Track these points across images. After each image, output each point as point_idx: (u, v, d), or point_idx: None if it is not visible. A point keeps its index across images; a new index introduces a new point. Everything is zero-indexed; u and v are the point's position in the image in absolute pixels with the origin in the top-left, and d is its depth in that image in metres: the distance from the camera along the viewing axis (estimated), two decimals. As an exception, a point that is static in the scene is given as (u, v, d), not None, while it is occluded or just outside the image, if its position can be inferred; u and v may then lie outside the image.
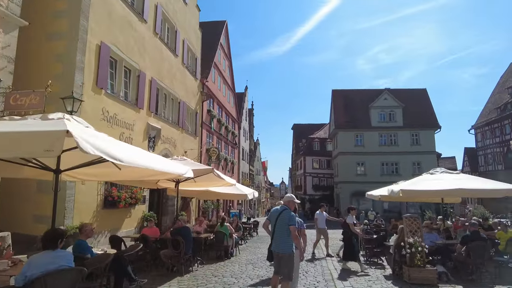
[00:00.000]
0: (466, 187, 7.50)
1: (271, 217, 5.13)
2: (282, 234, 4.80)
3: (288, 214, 4.87)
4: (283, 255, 4.77)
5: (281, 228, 4.82)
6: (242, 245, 12.46)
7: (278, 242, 4.82)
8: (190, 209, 17.82)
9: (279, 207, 5.20)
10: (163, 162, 5.36)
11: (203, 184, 9.84)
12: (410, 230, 6.49)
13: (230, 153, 27.84)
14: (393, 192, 8.93)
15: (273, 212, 5.21)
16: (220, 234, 8.63)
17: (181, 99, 16.24)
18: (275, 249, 4.86)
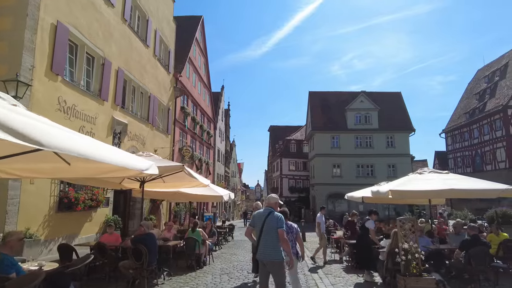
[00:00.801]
0: (458, 187, 7.00)
1: (255, 222, 4.52)
2: (270, 239, 4.25)
3: (275, 217, 4.34)
4: (274, 262, 4.22)
5: (269, 233, 4.27)
6: (216, 251, 11.48)
7: (266, 249, 4.25)
8: (160, 212, 16.59)
9: (263, 210, 4.60)
10: (121, 155, 4.37)
11: (173, 184, 8.84)
12: (404, 235, 5.83)
13: (205, 154, 26.72)
14: (379, 193, 8.36)
15: (257, 216, 4.59)
16: (191, 241, 7.64)
17: (151, 93, 15.06)
18: (263, 257, 4.28)
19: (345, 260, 9.54)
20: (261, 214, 4.51)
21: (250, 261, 9.36)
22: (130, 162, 4.33)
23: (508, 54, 40.58)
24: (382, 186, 9.16)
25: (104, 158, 3.77)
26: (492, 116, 34.99)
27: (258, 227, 4.42)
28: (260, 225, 4.36)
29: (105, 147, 4.21)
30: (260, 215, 4.51)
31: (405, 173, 19.84)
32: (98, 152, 3.70)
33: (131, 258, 5.50)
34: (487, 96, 38.43)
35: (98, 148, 3.80)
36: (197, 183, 8.20)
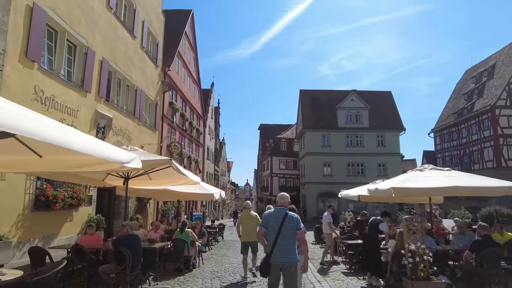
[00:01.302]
0: (463, 184, 6.65)
1: (271, 222, 4.21)
2: (289, 241, 4.07)
3: (295, 217, 4.16)
4: (291, 266, 4.03)
5: (288, 235, 4.07)
6: (206, 252, 10.92)
7: (284, 251, 4.02)
8: (147, 211, 15.92)
9: (277, 210, 4.30)
10: (99, 146, 3.80)
11: (161, 182, 8.27)
12: (413, 232, 5.42)
13: (194, 151, 26.04)
14: (378, 191, 7.97)
15: (272, 216, 4.26)
16: (179, 242, 7.06)
17: (138, 87, 14.37)
18: (280, 260, 4.03)
19: (341, 261, 9.12)
20: (276, 215, 4.22)
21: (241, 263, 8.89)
22: (110, 154, 3.76)
23: (495, 55, 41.09)
24: (380, 184, 8.76)
25: (79, 147, 3.21)
26: (480, 116, 35.31)
27: (273, 228, 4.12)
28: (277, 226, 4.09)
29: (82, 136, 3.64)
30: (276, 215, 4.21)
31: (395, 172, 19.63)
32: (72, 141, 3.14)
33: (112, 262, 4.91)
34: (475, 96, 38.81)
35: (72, 136, 3.23)
36: (186, 180, 7.64)
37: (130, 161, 4.02)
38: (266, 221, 4.27)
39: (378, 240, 6.45)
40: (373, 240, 6.38)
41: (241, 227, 7.36)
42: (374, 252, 6.19)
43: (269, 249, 4.12)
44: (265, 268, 4.12)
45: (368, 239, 6.40)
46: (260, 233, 4.31)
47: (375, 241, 6.41)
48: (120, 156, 3.93)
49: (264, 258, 4.18)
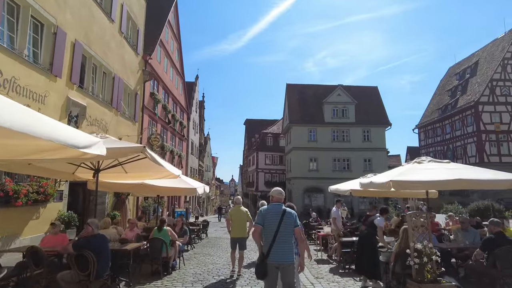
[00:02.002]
0: (467, 177, 6.15)
1: (269, 219, 3.93)
2: (287, 240, 3.87)
3: (293, 214, 3.97)
4: (289, 265, 3.84)
5: (286, 233, 3.86)
6: (188, 251, 10.18)
7: (282, 250, 3.81)
8: (126, 208, 15.00)
9: (274, 206, 4.03)
10: (50, 127, 3.02)
11: (138, 175, 7.48)
12: (423, 227, 4.86)
13: (177, 145, 25.08)
14: (373, 184, 7.42)
15: (269, 213, 3.97)
16: (156, 243, 6.29)
17: (116, 74, 13.38)
18: (277, 259, 3.79)
19: (334, 259, 8.57)
20: (274, 211, 3.95)
21: (227, 264, 8.22)
22: (62, 137, 2.98)
23: (478, 53, 41.65)
24: (376, 177, 8.22)
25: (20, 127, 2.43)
26: (464, 112, 35.72)
27: (271, 226, 3.85)
28: (276, 224, 3.83)
29: (32, 114, 2.87)
30: (274, 212, 3.95)
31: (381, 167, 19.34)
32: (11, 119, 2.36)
33: (73, 268, 4.14)
34: (458, 93, 39.27)
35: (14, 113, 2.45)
36: (165, 174, 6.88)
37: (89, 146, 3.25)
38: (262, 218, 3.95)
39: (375, 238, 5.87)
40: (369, 238, 5.79)
41: (231, 223, 7.09)
42: (371, 252, 5.61)
43: (266, 249, 3.85)
44: (262, 270, 3.81)
45: (365, 238, 5.81)
46: (256, 231, 3.96)
47: (371, 240, 5.83)
48: (76, 140, 3.16)
49: (259, 259, 3.87)
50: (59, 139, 2.90)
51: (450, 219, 9.74)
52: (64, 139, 2.95)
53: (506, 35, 37.82)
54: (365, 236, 5.84)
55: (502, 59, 34.88)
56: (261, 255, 3.89)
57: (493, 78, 34.49)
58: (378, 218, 5.99)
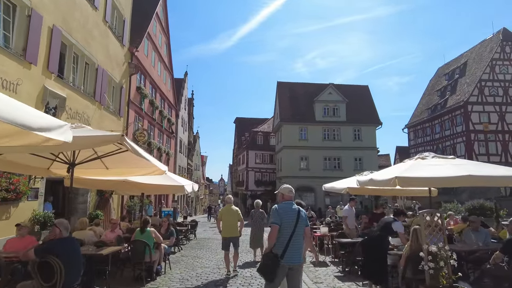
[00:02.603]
0: (478, 173, 5.74)
1: (286, 219, 3.73)
2: (301, 240, 3.79)
3: (305, 213, 3.92)
4: (300, 266, 3.84)
5: (300, 233, 3.77)
6: (175, 253, 9.52)
7: (295, 251, 3.70)
8: (110, 207, 14.23)
9: (289, 205, 3.87)
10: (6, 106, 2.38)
11: (120, 171, 6.82)
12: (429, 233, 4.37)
13: (165, 143, 24.29)
14: (374, 182, 6.98)
15: (286, 212, 3.78)
16: (138, 245, 5.63)
17: (100, 65, 12.60)
18: (291, 261, 3.66)
19: (330, 261, 8.07)
20: (290, 210, 3.79)
21: (217, 267, 7.64)
22: (16, 117, 2.35)
23: (466, 54, 42.02)
24: (377, 173, 7.76)
25: None
26: (453, 111, 35.89)
27: (288, 226, 3.68)
28: (293, 224, 3.68)
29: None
30: (290, 211, 3.79)
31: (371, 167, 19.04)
32: None
33: (35, 277, 3.49)
34: (448, 93, 39.50)
35: None
36: (150, 170, 6.26)
37: (50, 130, 2.61)
38: (280, 218, 3.73)
39: (387, 243, 5.32)
40: (382, 242, 5.23)
41: (222, 222, 6.94)
42: (380, 256, 5.08)
43: (280, 250, 3.65)
44: (273, 271, 3.61)
45: (376, 240, 5.27)
46: (274, 231, 3.72)
47: (383, 244, 5.29)
48: (34, 121, 2.52)
49: (271, 259, 3.62)
50: (7, 118, 2.27)
51: (450, 218, 9.35)
52: (19, 120, 2.32)
53: (494, 36, 38.22)
54: (375, 239, 5.30)
55: (490, 60, 35.18)
56: (273, 256, 3.65)
57: (481, 78, 34.73)
58: (395, 222, 5.43)
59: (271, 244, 3.72)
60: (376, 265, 5.11)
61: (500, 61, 35.52)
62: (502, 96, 34.62)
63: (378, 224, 5.62)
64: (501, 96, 34.64)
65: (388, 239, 5.36)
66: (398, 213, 5.74)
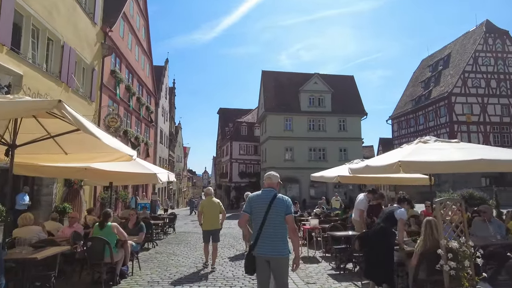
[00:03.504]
0: (491, 157, 5.07)
1: (256, 207, 3.49)
2: (277, 229, 3.37)
3: (283, 200, 3.42)
4: (280, 259, 3.34)
5: (275, 222, 3.37)
6: (149, 249, 8.57)
7: (271, 242, 3.34)
8: (80, 199, 13.09)
9: (264, 192, 3.56)
10: None
11: (81, 157, 5.85)
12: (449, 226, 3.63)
13: (143, 132, 23.01)
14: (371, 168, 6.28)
15: (257, 199, 3.54)
16: (96, 244, 4.65)
17: (66, 43, 11.32)
18: (266, 252, 3.33)
19: (321, 256, 7.34)
20: (263, 197, 3.52)
21: (195, 265, 6.78)
22: None
23: (450, 45, 42.19)
24: (373, 160, 7.04)
25: None
26: (437, 103, 35.99)
27: (259, 213, 3.44)
28: (263, 211, 3.40)
29: None
30: (262, 198, 3.52)
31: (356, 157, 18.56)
32: None
33: None
34: (432, 84, 39.61)
35: None
36: (117, 155, 5.31)
37: None
38: (250, 205, 3.55)
39: (393, 236, 4.55)
40: (386, 235, 4.44)
41: (203, 215, 6.70)
42: (385, 253, 4.32)
43: (252, 239, 3.44)
44: (249, 263, 3.39)
45: (379, 233, 4.50)
46: (243, 220, 3.58)
47: (388, 238, 4.47)
48: None
49: (247, 251, 3.50)
50: None
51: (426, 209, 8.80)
52: None
53: (477, 28, 38.41)
54: (379, 233, 4.53)
55: (474, 52, 35.32)
56: (249, 248, 3.49)
57: (465, 70, 34.86)
58: (400, 209, 4.66)
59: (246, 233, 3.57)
60: (380, 262, 4.35)
61: (483, 53, 35.74)
62: (484, 88, 34.92)
63: (380, 216, 4.86)
64: (483, 88, 34.94)
65: (394, 232, 4.61)
66: (402, 200, 4.99)
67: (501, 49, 36.12)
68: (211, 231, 6.59)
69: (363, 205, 6.87)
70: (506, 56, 35.98)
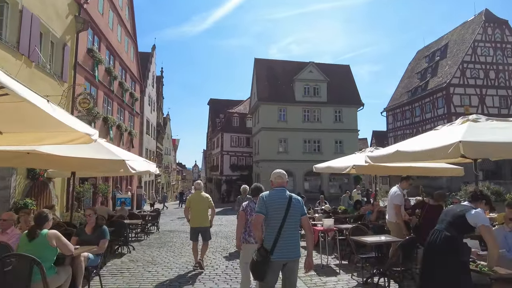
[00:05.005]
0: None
1: (273, 208, 3.18)
2: (295, 232, 3.24)
3: (300, 201, 3.33)
4: (296, 261, 3.22)
5: (294, 224, 3.21)
6: (123, 255, 6.99)
7: (288, 245, 3.14)
8: (49, 194, 11.39)
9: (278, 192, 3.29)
10: None
11: (23, 138, 4.25)
12: None
13: (127, 121, 21.18)
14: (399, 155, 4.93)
15: (273, 200, 3.23)
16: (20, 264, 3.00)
17: (26, 8, 9.51)
18: (284, 256, 3.13)
19: (336, 265, 5.90)
20: (279, 198, 3.23)
21: (179, 278, 5.27)
22: None
23: (447, 36, 41.15)
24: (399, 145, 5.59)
25: None
26: (435, 94, 34.96)
27: (277, 216, 3.16)
28: (282, 213, 3.15)
29: None
30: (278, 198, 3.22)
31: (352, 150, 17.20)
32: None
33: None
34: (428, 75, 38.56)
35: None
36: (71, 136, 3.79)
37: None
38: (265, 206, 3.22)
39: (464, 248, 3.07)
40: (452, 245, 3.04)
41: (191, 211, 6.29)
42: (454, 271, 2.86)
43: (269, 244, 3.13)
44: (264, 269, 3.04)
45: (444, 246, 3.02)
46: (258, 221, 3.24)
47: (456, 249, 3.04)
48: None
49: (260, 256, 3.06)
50: None
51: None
52: None
53: (476, 17, 37.37)
54: (443, 244, 3.04)
55: (472, 41, 34.28)
56: (263, 252, 3.12)
57: (464, 60, 33.82)
58: (473, 212, 3.18)
59: (257, 236, 3.30)
60: (447, 284, 2.90)
61: (482, 42, 34.73)
62: (483, 78, 33.98)
63: (441, 218, 3.40)
64: (482, 79, 34.00)
65: (466, 244, 3.16)
66: (476, 197, 3.50)
67: (500, 39, 35.17)
68: (199, 229, 6.20)
69: (399, 198, 5.32)
70: (505, 46, 35.06)
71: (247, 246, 4.01)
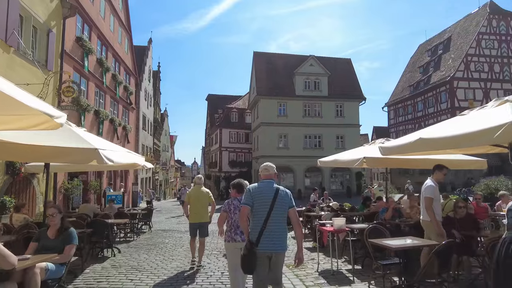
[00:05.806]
0: None
1: (259, 200, 3.20)
2: (281, 224, 3.22)
3: (288, 193, 3.33)
4: (282, 255, 3.26)
5: (280, 216, 3.21)
6: (105, 260, 6.20)
7: (274, 237, 3.15)
8: (33, 191, 10.61)
9: (264, 184, 3.30)
10: None
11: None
12: None
13: (121, 116, 20.34)
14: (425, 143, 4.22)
15: (259, 192, 3.25)
16: None
17: (2, -14, 8.66)
18: (269, 248, 3.13)
19: (349, 270, 5.13)
20: (265, 190, 3.25)
21: (163, 282, 4.50)
22: None
23: (450, 29, 40.27)
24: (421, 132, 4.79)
25: None
26: (438, 88, 34.16)
27: (263, 207, 3.17)
28: (268, 205, 3.16)
29: None
30: (265, 190, 3.24)
31: (354, 145, 16.35)
32: None
33: None
34: (431, 69, 37.74)
35: None
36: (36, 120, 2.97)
37: None
38: (251, 198, 3.22)
39: None
40: None
41: (190, 206, 6.13)
42: None
43: (254, 235, 3.13)
44: (251, 261, 3.04)
45: None
46: (243, 213, 3.24)
47: None
48: None
49: (247, 249, 3.08)
50: None
51: (503, 200, 6.73)
52: None
53: (480, 9, 36.49)
54: None
55: (477, 34, 33.41)
56: (248, 244, 3.12)
57: (468, 53, 32.99)
58: None
59: (244, 228, 3.29)
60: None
61: (486, 35, 33.87)
62: (487, 72, 33.18)
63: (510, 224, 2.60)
64: (487, 72, 33.20)
65: None
66: None
67: (505, 31, 34.31)
68: (198, 224, 6.00)
69: (430, 190, 4.43)
70: (510, 39, 34.20)
71: (232, 245, 3.78)
